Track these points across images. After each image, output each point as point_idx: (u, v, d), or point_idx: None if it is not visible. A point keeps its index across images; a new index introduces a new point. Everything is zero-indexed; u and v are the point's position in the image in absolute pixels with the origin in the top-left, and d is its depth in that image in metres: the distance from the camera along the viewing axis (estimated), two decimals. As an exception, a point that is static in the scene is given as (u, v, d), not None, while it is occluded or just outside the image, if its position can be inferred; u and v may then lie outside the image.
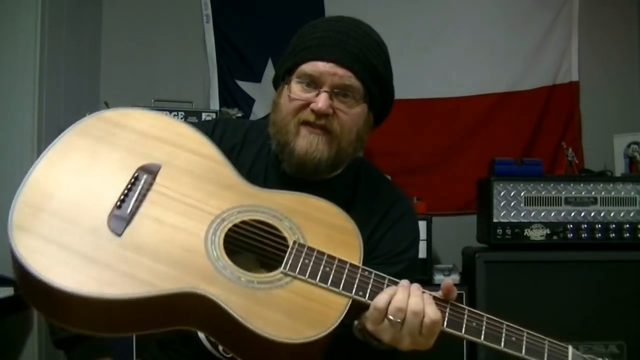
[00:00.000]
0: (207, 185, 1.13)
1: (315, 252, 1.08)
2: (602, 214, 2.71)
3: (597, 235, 2.69)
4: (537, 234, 2.70)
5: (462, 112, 3.28)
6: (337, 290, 1.04)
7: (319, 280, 1.04)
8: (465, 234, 3.03)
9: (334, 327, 1.00)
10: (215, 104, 3.29)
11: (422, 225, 2.68)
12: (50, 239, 0.98)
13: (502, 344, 1.02)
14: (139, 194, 1.07)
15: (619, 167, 3.06)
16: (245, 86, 3.30)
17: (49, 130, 2.72)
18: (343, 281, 1.05)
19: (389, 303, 1.04)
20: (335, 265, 1.06)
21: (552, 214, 2.71)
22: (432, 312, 1.03)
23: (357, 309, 1.06)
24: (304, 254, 1.07)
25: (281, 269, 1.06)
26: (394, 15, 3.24)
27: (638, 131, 3.10)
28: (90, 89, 3.22)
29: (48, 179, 1.04)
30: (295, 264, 1.06)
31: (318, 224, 1.13)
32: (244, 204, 1.13)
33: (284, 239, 1.11)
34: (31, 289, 0.97)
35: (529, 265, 2.67)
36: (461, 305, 1.06)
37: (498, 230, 2.70)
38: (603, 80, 3.30)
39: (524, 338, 1.03)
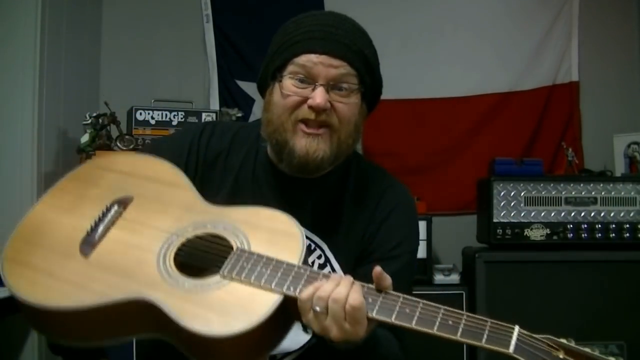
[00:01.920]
0: (173, 210, 1.21)
1: (255, 255, 1.11)
2: (602, 214, 2.71)
3: (597, 235, 2.69)
4: (537, 234, 2.70)
5: (462, 112, 3.28)
6: (269, 287, 1.06)
7: (254, 280, 1.07)
8: (465, 234, 3.03)
9: (261, 320, 1.02)
10: (215, 104, 3.29)
11: (422, 225, 2.67)
12: (31, 265, 1.13)
13: (435, 327, 0.99)
14: (108, 221, 1.18)
15: (619, 167, 3.06)
16: (245, 86, 3.30)
17: (49, 130, 2.72)
18: (277, 279, 1.07)
19: (314, 294, 1.04)
20: (272, 266, 1.09)
21: (552, 214, 2.71)
22: (353, 298, 1.02)
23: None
24: (243, 258, 1.10)
25: (220, 272, 1.10)
26: (394, 15, 3.25)
27: (638, 131, 3.10)
28: (90, 89, 3.22)
29: (39, 218, 1.21)
30: (234, 267, 1.09)
31: (264, 231, 1.16)
32: (198, 220, 1.19)
33: (232, 247, 1.14)
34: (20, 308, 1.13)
35: (529, 265, 2.66)
36: (396, 294, 1.04)
37: (498, 230, 2.70)
38: (603, 80, 3.30)
39: (462, 321, 0.99)
